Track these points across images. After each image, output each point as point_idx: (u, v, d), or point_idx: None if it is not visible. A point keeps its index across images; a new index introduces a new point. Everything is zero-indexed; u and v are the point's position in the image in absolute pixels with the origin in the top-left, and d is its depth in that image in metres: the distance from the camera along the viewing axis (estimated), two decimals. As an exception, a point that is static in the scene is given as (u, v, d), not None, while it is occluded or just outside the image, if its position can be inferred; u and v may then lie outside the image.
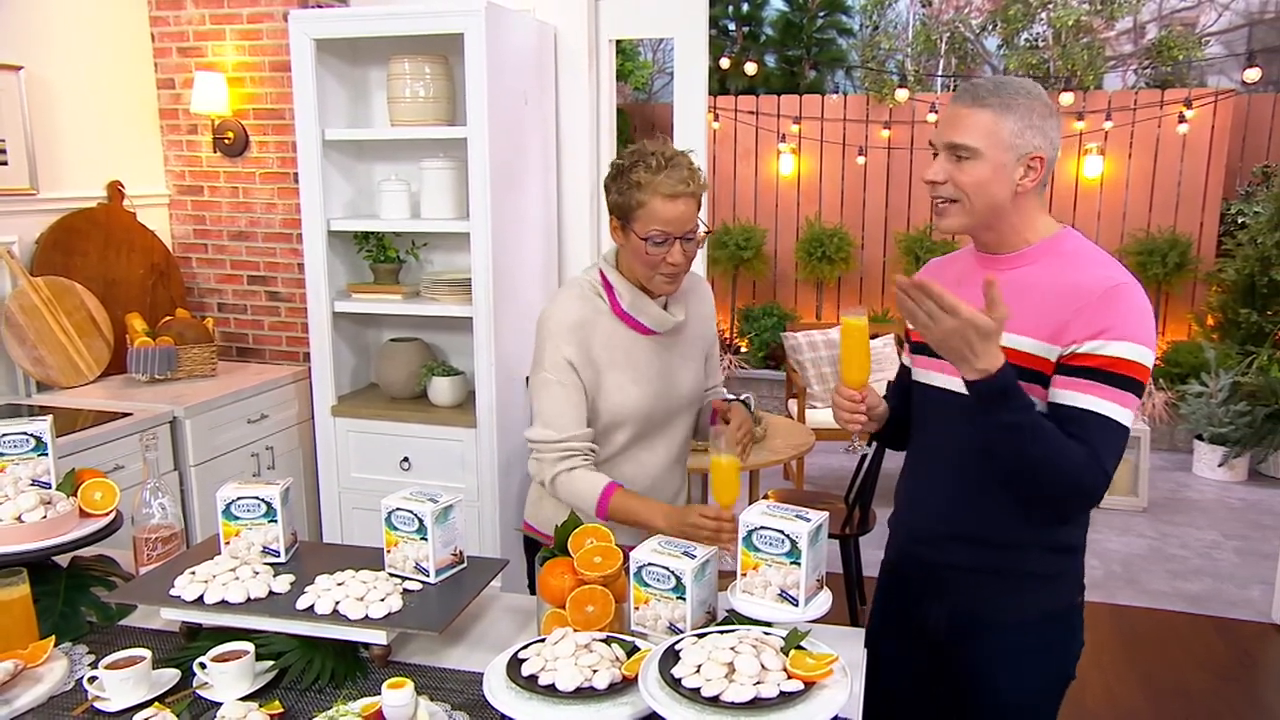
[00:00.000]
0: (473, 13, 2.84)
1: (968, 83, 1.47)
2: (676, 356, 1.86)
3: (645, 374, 1.80)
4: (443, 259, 3.40)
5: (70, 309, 3.16)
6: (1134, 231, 6.33)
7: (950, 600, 1.59)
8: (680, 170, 1.66)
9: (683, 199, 1.66)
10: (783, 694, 1.11)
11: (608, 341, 1.77)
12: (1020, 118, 1.41)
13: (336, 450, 3.24)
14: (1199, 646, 3.42)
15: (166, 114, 3.62)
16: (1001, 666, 1.56)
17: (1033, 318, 1.41)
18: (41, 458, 1.64)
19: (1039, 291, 1.42)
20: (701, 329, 1.93)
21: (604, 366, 1.77)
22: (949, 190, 1.45)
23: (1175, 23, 7.67)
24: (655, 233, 1.66)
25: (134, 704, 1.29)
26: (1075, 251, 1.46)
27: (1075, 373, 1.38)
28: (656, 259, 1.69)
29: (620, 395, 1.78)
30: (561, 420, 1.73)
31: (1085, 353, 1.37)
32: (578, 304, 1.78)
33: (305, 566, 1.58)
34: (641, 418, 1.81)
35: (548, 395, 1.75)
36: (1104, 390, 1.36)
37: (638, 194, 1.66)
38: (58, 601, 1.54)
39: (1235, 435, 5.17)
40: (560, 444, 1.73)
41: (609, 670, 1.21)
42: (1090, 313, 1.37)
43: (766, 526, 1.37)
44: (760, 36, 9.34)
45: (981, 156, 1.41)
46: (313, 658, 1.40)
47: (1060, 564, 1.54)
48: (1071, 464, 1.36)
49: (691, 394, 1.89)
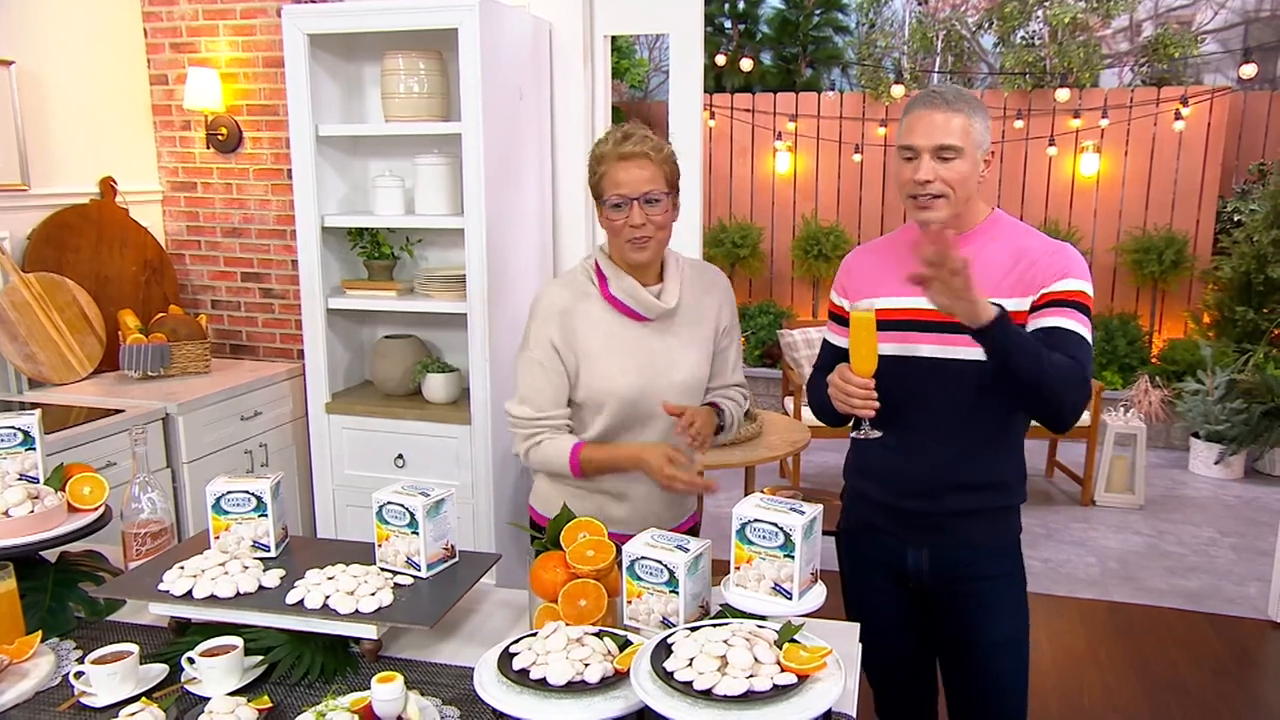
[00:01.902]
0: (467, 7, 2.82)
1: (930, 91, 1.65)
2: (670, 344, 1.84)
3: (633, 359, 1.80)
4: (437, 255, 3.38)
5: (62, 305, 3.15)
6: (1130, 229, 6.34)
7: (935, 543, 1.77)
8: (634, 138, 1.73)
9: (635, 160, 1.71)
10: (776, 687, 1.10)
11: (595, 326, 1.80)
12: (981, 119, 1.64)
13: (330, 447, 3.22)
14: (1196, 643, 3.41)
15: (159, 110, 3.60)
16: (988, 596, 1.75)
17: (997, 280, 1.64)
18: (29, 452, 1.63)
19: (996, 259, 1.66)
20: (704, 319, 1.89)
21: (589, 351, 1.79)
22: (937, 187, 1.63)
23: (1171, 21, 7.67)
24: (613, 196, 1.72)
25: (121, 699, 1.28)
26: (1011, 225, 1.72)
27: (1048, 305, 1.63)
28: (619, 224, 1.73)
29: (604, 379, 1.79)
30: (539, 399, 1.80)
31: (1051, 291, 1.63)
32: (568, 290, 1.83)
33: (295, 561, 1.56)
34: (627, 403, 1.80)
35: (529, 373, 1.82)
36: (1071, 314, 1.62)
37: (599, 167, 1.75)
38: (45, 597, 1.52)
39: (1232, 433, 5.17)
40: (535, 420, 1.81)
41: (601, 664, 1.20)
42: (1047, 263, 1.64)
43: (760, 520, 1.36)
44: (756, 34, 9.33)
45: (964, 155, 1.61)
46: (302, 652, 1.39)
47: (1019, 494, 1.78)
48: (1070, 368, 1.58)
49: (687, 383, 1.86)
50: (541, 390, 1.80)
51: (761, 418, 3.38)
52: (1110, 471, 4.86)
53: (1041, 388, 1.57)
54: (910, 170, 1.64)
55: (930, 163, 1.61)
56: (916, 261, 1.46)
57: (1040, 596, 3.70)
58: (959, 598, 1.77)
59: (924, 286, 1.49)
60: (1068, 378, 1.58)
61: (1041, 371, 1.55)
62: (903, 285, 1.64)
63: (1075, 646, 3.39)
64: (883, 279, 1.75)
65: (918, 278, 1.48)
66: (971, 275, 1.46)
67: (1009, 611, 1.78)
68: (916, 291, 1.62)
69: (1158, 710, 2.98)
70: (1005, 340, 1.52)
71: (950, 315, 1.52)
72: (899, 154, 1.67)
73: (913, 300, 1.66)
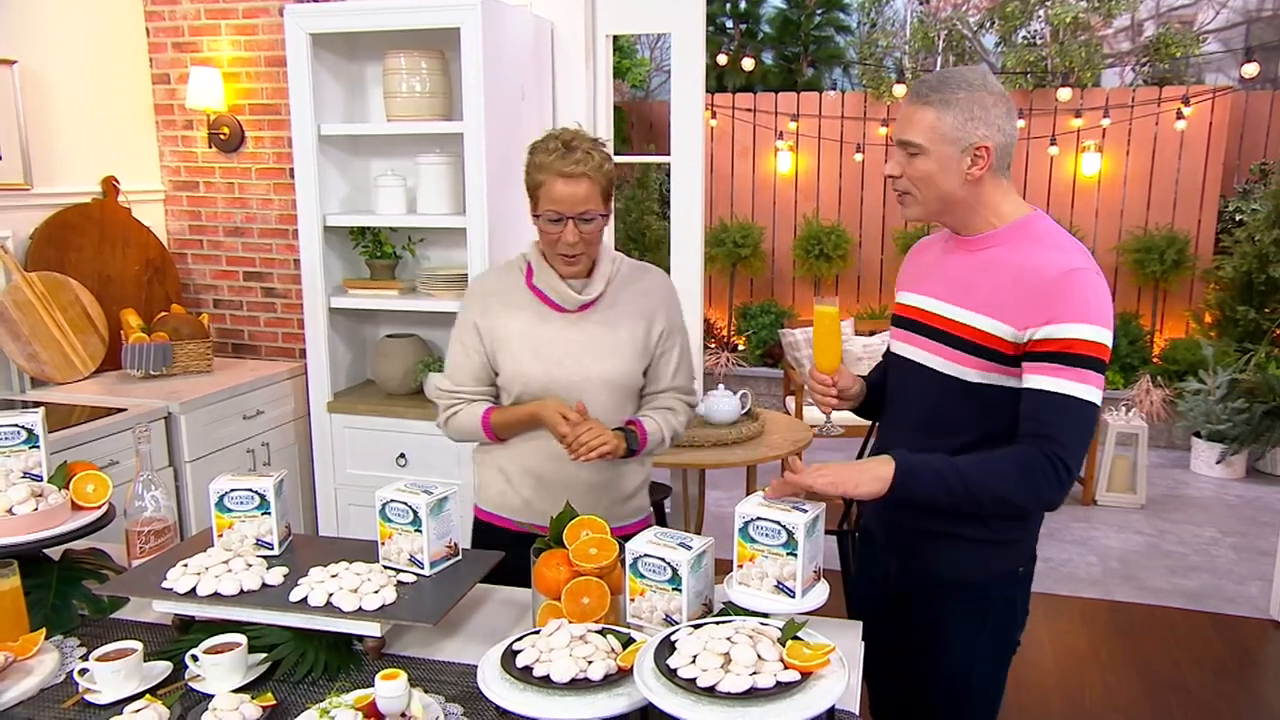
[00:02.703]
0: (469, 6, 2.83)
1: (918, 80, 1.55)
2: (590, 338, 1.84)
3: (546, 349, 1.82)
4: (439, 254, 3.38)
5: (65, 304, 3.15)
6: (1132, 229, 6.33)
7: (902, 560, 1.68)
8: (578, 153, 1.72)
9: (577, 179, 1.71)
10: (779, 684, 1.10)
11: (516, 313, 1.85)
12: (961, 111, 1.47)
13: (333, 446, 3.23)
14: (1197, 643, 3.41)
15: (161, 109, 3.61)
16: (946, 626, 1.63)
17: (994, 297, 1.49)
18: (33, 450, 1.63)
19: (1002, 272, 1.49)
20: (634, 317, 1.87)
21: (505, 336, 1.84)
22: (903, 184, 1.54)
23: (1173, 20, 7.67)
24: (549, 211, 1.73)
25: (125, 696, 1.28)
26: (1040, 235, 1.51)
27: (1035, 358, 1.44)
28: (553, 238, 1.76)
29: (515, 365, 1.83)
30: (459, 374, 1.89)
31: (1041, 338, 1.43)
32: (495, 276, 1.92)
33: (298, 559, 1.57)
34: (535, 391, 1.82)
35: (452, 350, 1.91)
36: (1062, 370, 1.42)
37: (537, 174, 1.74)
38: (49, 594, 1.53)
39: (1233, 432, 5.16)
40: (453, 393, 1.90)
41: (604, 661, 1.20)
42: (1044, 299, 1.43)
43: (763, 518, 1.36)
44: (758, 34, 9.33)
45: (926, 152, 1.49)
46: (306, 650, 1.39)
47: (1009, 532, 1.60)
48: (1013, 484, 1.44)
49: (605, 378, 1.83)
50: (461, 367, 1.89)
51: (763, 417, 3.38)
52: (1111, 471, 4.85)
53: (989, 508, 1.47)
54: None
55: (896, 156, 1.54)
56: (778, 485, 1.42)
57: (1041, 596, 3.70)
58: (912, 619, 1.67)
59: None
60: (1015, 498, 1.45)
61: (964, 500, 1.45)
62: (922, 283, 1.63)
63: (1077, 646, 3.39)
64: (915, 274, 1.68)
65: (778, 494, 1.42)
66: (827, 483, 1.41)
67: (958, 654, 1.63)
68: (929, 291, 1.59)
69: (1159, 710, 2.98)
70: (908, 495, 1.44)
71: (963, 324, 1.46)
72: None
73: (920, 299, 1.62)
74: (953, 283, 1.56)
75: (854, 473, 1.45)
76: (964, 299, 1.53)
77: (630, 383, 1.89)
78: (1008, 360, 1.48)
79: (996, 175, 1.51)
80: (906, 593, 1.67)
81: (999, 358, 1.48)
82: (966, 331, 1.51)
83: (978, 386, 1.52)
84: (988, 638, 1.63)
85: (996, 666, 1.67)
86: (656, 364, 1.92)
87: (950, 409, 1.55)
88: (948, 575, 1.61)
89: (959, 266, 1.56)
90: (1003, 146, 1.50)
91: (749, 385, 6.42)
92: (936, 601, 1.63)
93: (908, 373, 1.63)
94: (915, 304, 1.63)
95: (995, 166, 1.50)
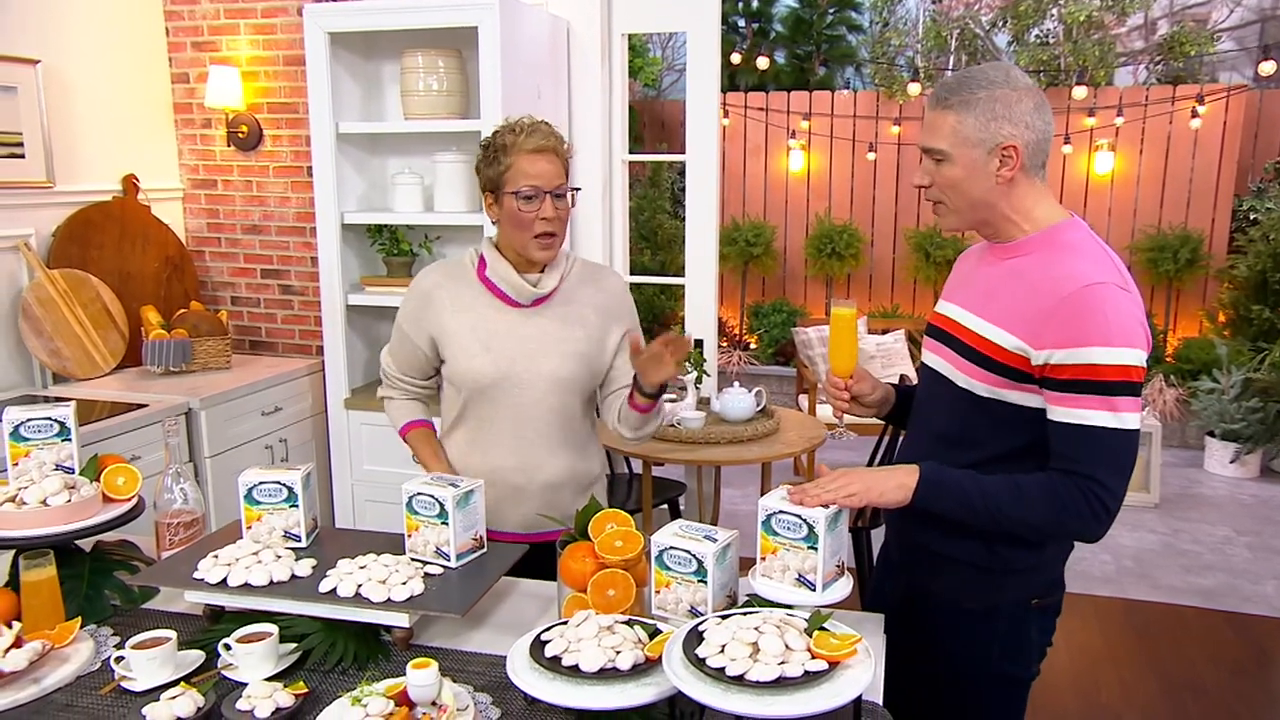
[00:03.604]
0: (487, 6, 2.85)
1: (938, 83, 1.48)
2: (543, 334, 1.82)
3: (496, 342, 1.80)
4: (456, 252, 3.40)
5: (86, 301, 3.18)
6: (1145, 228, 6.32)
7: (904, 577, 1.63)
8: (543, 131, 1.75)
9: (546, 155, 1.73)
10: (807, 673, 1.11)
11: (464, 307, 1.83)
12: (982, 112, 1.40)
13: (349, 443, 3.25)
14: (1213, 642, 3.41)
15: (180, 108, 3.64)
16: (943, 650, 1.56)
17: (1009, 308, 1.42)
18: (65, 443, 1.66)
19: (1020, 283, 1.42)
20: (587, 314, 1.85)
21: (451, 330, 1.83)
22: (934, 193, 1.48)
23: (1187, 19, 7.64)
24: (526, 188, 1.72)
25: (160, 683, 1.30)
26: (1068, 244, 1.42)
27: (1057, 386, 1.36)
28: (530, 216, 1.73)
29: (465, 360, 1.81)
30: (396, 360, 1.95)
31: (1059, 363, 1.34)
32: (439, 271, 1.89)
33: (326, 551, 1.59)
34: (485, 386, 1.80)
35: (394, 335, 1.95)
36: (1085, 400, 1.33)
37: (504, 158, 1.73)
38: (82, 584, 1.55)
39: (1247, 432, 5.15)
40: (391, 377, 1.98)
41: (632, 651, 1.22)
42: (1060, 317, 1.34)
43: (785, 511, 1.38)
44: (770, 33, 9.33)
45: (951, 158, 1.43)
46: (335, 640, 1.41)
47: (1019, 559, 1.51)
48: (1042, 515, 1.38)
49: (556, 375, 1.81)
50: (397, 353, 1.94)
51: (778, 414, 3.39)
52: (1125, 470, 4.84)
53: (1016, 530, 1.43)
54: None
55: (926, 163, 1.48)
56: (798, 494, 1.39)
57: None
58: (916, 637, 1.58)
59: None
60: (1034, 512, 1.38)
61: (986, 523, 1.41)
62: (955, 292, 1.57)
63: (1092, 644, 3.39)
64: (953, 283, 1.63)
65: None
66: (850, 496, 1.38)
67: (959, 684, 1.55)
68: (958, 300, 1.54)
69: (1177, 709, 2.98)
70: (928, 508, 1.41)
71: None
72: None
73: (950, 308, 1.56)
74: (977, 292, 1.51)
75: (878, 481, 1.42)
76: (982, 309, 1.47)
77: (581, 383, 1.85)
78: (1017, 376, 1.40)
79: (1030, 176, 1.44)
80: (900, 614, 1.59)
81: (1007, 372, 1.41)
82: (978, 342, 1.45)
83: (985, 401, 1.45)
84: (991, 671, 1.54)
85: (1002, 700, 1.58)
86: (616, 365, 1.90)
87: (966, 423, 1.48)
88: (945, 599, 1.54)
89: (986, 276, 1.51)
90: (1033, 144, 1.41)
91: (761, 384, 6.42)
92: (933, 625, 1.56)
93: (931, 383, 1.57)
94: (945, 313, 1.58)
95: (1027, 166, 1.42)
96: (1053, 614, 1.60)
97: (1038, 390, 1.40)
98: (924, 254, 6.56)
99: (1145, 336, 1.36)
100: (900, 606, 1.60)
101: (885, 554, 1.76)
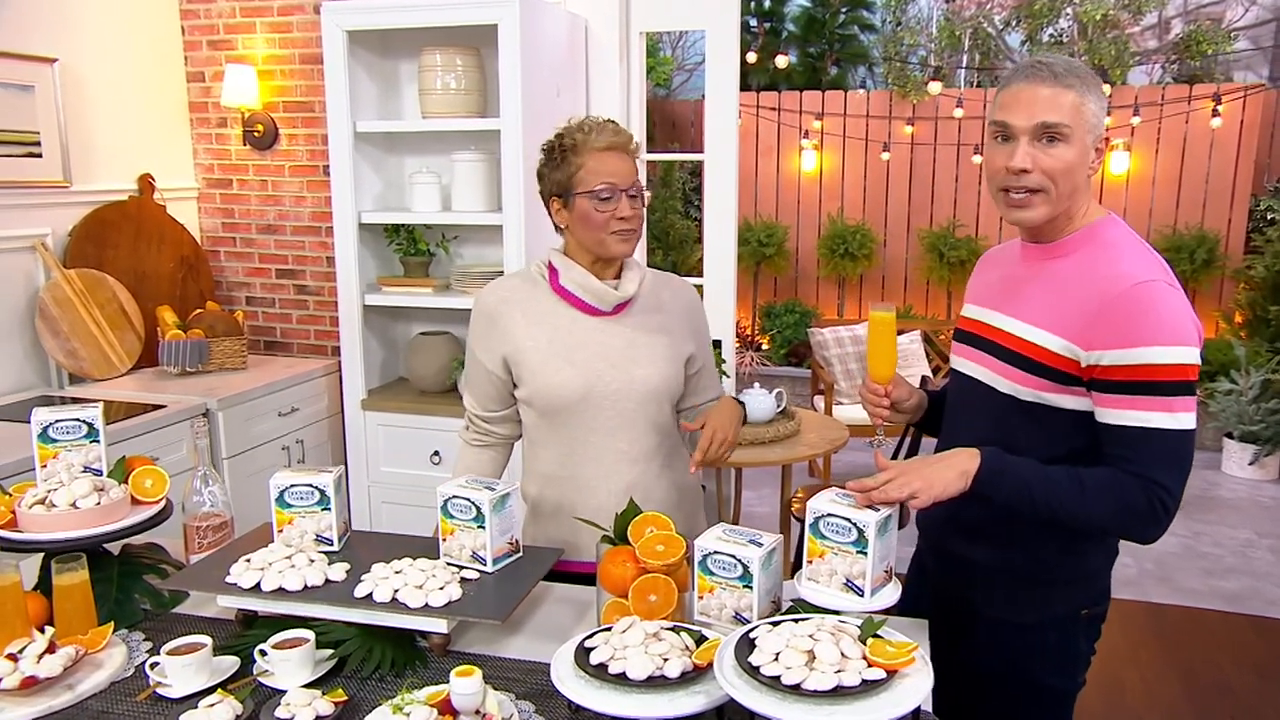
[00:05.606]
0: (507, 4, 2.82)
1: (1035, 61, 1.35)
2: (629, 343, 1.71)
3: (580, 354, 1.69)
4: (473, 252, 3.38)
5: (102, 301, 3.16)
6: (1161, 228, 6.27)
7: (940, 586, 1.59)
8: (610, 129, 1.67)
9: (617, 152, 1.65)
10: (865, 682, 1.09)
11: (540, 319, 1.71)
12: (1097, 98, 1.34)
13: (366, 444, 3.22)
14: (1238, 645, 3.37)
15: (196, 107, 3.62)
16: (985, 662, 1.51)
17: (1060, 312, 1.37)
18: (93, 444, 1.63)
19: (1069, 285, 1.38)
20: (671, 321, 1.77)
21: (532, 346, 1.70)
22: (1035, 179, 1.35)
23: (1202, 18, 7.59)
24: (602, 186, 1.62)
25: (196, 690, 1.28)
26: (1110, 242, 1.38)
27: (1109, 388, 1.32)
28: (606, 215, 1.63)
29: (545, 378, 1.69)
30: (472, 390, 1.83)
31: (1111, 364, 1.31)
32: (503, 286, 1.78)
33: (358, 555, 1.56)
34: (573, 403, 1.69)
35: (466, 364, 1.84)
36: (1142, 401, 1.29)
37: (574, 158, 1.65)
38: (112, 588, 1.53)
39: (1266, 433, 5.11)
40: (471, 415, 1.85)
41: (680, 659, 1.19)
42: (1111, 317, 1.30)
43: (834, 514, 1.34)
44: (782, 32, 9.30)
45: (1069, 138, 1.33)
46: (372, 646, 1.38)
47: (1073, 568, 1.47)
48: (1107, 513, 1.33)
49: (649, 382, 1.71)
50: (471, 383, 1.83)
51: (799, 416, 3.36)
52: (1143, 472, 4.80)
53: (1077, 523, 1.36)
54: (1004, 156, 1.36)
55: (1028, 147, 1.34)
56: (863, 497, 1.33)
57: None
58: (959, 653, 1.52)
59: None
60: (1098, 510, 1.33)
61: (1044, 515, 1.34)
62: (984, 295, 1.54)
63: (1115, 647, 3.35)
64: (979, 286, 1.59)
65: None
66: (913, 493, 1.32)
67: (994, 702, 1.51)
68: (989, 302, 1.51)
69: (1203, 711, 2.94)
70: (988, 492, 1.35)
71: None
72: (990, 134, 1.40)
73: (980, 311, 1.52)
74: (1013, 295, 1.46)
75: (939, 474, 1.35)
76: (1019, 310, 1.43)
77: (674, 391, 1.76)
78: (1063, 379, 1.36)
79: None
80: (944, 616, 1.54)
81: (1052, 374, 1.37)
82: (1021, 345, 1.40)
83: (1029, 405, 1.41)
84: (1037, 683, 1.51)
85: (1048, 713, 1.55)
86: (693, 377, 1.82)
87: (1008, 429, 1.43)
88: (990, 611, 1.49)
89: (1021, 276, 1.46)
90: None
91: (773, 385, 6.39)
92: (974, 636, 1.51)
93: (967, 390, 1.53)
94: (975, 316, 1.54)
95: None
96: (1099, 623, 1.56)
97: (1084, 393, 1.37)
98: (938, 254, 6.52)
99: (1198, 332, 1.33)
100: (936, 615, 1.55)
101: (919, 561, 1.73)
